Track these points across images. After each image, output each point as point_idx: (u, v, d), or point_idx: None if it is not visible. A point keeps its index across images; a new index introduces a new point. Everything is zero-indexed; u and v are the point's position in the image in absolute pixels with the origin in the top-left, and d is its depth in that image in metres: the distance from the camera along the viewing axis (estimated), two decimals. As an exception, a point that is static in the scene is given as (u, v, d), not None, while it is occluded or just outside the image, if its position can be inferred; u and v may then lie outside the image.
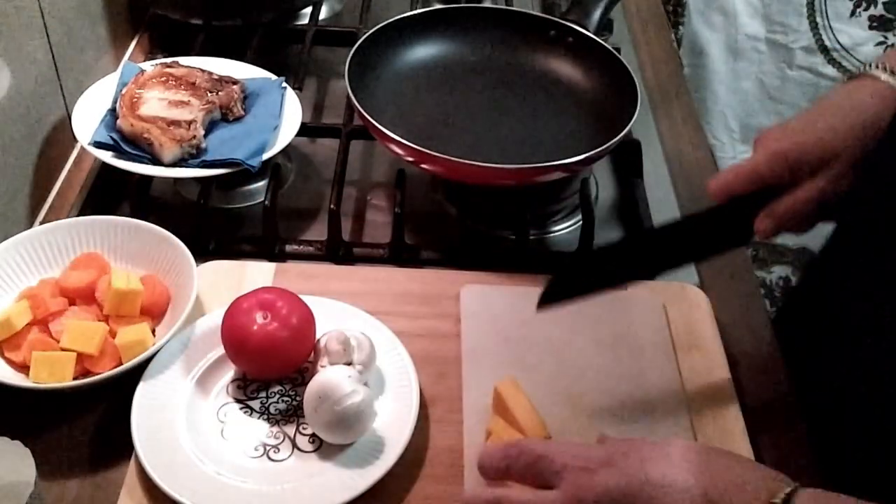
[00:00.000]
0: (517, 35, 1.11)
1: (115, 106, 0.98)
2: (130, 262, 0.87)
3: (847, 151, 0.72)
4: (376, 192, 1.04)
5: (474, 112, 1.05)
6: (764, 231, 0.75)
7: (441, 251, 0.95)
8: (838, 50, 1.54)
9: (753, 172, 0.73)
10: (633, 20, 1.37)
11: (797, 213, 0.73)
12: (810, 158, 0.72)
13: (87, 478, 0.74)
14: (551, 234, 0.99)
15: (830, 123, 0.73)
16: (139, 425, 0.73)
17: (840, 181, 0.72)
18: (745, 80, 1.64)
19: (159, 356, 0.78)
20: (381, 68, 1.06)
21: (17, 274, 0.85)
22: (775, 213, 0.73)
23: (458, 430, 0.76)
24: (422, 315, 0.86)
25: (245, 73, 1.06)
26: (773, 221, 0.74)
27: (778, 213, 0.73)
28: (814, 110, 0.75)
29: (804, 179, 0.72)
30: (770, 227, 0.74)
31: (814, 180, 0.72)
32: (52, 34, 1.01)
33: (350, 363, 0.76)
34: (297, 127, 1.00)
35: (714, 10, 1.61)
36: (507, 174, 0.92)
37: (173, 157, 0.93)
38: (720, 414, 0.78)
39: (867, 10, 1.50)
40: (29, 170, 0.98)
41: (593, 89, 1.07)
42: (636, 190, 1.01)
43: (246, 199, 1.01)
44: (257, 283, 0.85)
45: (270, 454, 0.74)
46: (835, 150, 0.71)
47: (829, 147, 0.72)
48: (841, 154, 0.71)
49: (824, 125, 0.73)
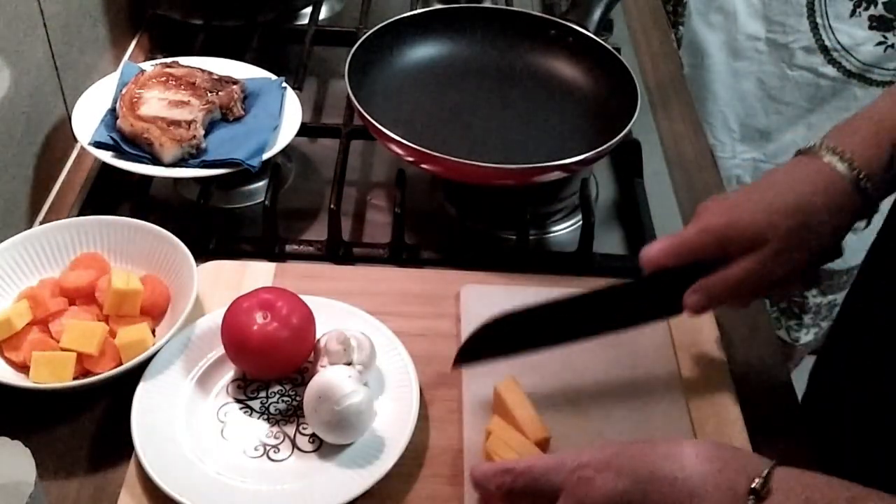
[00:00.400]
0: (517, 35, 1.11)
1: (115, 106, 0.98)
2: (130, 262, 0.87)
3: (780, 234, 0.69)
4: (376, 192, 1.04)
5: (474, 112, 1.05)
6: (692, 306, 0.73)
7: (441, 251, 0.95)
8: (838, 50, 1.54)
9: (683, 246, 0.72)
10: (633, 20, 1.37)
11: (727, 290, 0.72)
12: (739, 236, 0.70)
13: (87, 478, 0.74)
14: (551, 234, 0.99)
15: (765, 202, 0.70)
16: (139, 425, 0.73)
17: (774, 263, 0.70)
18: (745, 80, 1.64)
19: (159, 356, 0.78)
20: (381, 68, 1.06)
21: (17, 274, 0.85)
22: (705, 288, 0.72)
23: (458, 430, 0.76)
24: (422, 315, 0.86)
25: (245, 73, 1.06)
26: (702, 297, 0.72)
27: (707, 288, 0.72)
28: (756, 186, 0.73)
29: (736, 257, 0.70)
30: (699, 302, 0.73)
31: (745, 260, 0.70)
32: (52, 34, 1.01)
33: (350, 363, 0.76)
34: (297, 127, 1.00)
35: (714, 10, 1.60)
36: (507, 174, 0.92)
37: (173, 157, 0.93)
38: (720, 413, 0.78)
39: (867, 10, 1.50)
40: (29, 170, 0.98)
41: (593, 89, 1.07)
42: (636, 190, 1.01)
43: (246, 199, 1.01)
44: (257, 283, 0.85)
45: (270, 454, 0.74)
46: (765, 230, 0.69)
47: (759, 226, 0.69)
48: (774, 236, 0.69)
49: (758, 203, 0.70)
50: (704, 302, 0.73)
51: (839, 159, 0.70)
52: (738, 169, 1.73)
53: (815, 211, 0.70)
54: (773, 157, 1.70)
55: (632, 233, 0.99)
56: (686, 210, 1.02)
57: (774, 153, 1.70)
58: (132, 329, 0.79)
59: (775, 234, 0.69)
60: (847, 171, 0.70)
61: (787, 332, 1.75)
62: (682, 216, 1.01)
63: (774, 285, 0.73)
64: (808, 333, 1.76)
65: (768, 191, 0.71)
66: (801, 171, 0.72)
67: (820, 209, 0.70)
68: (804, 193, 0.70)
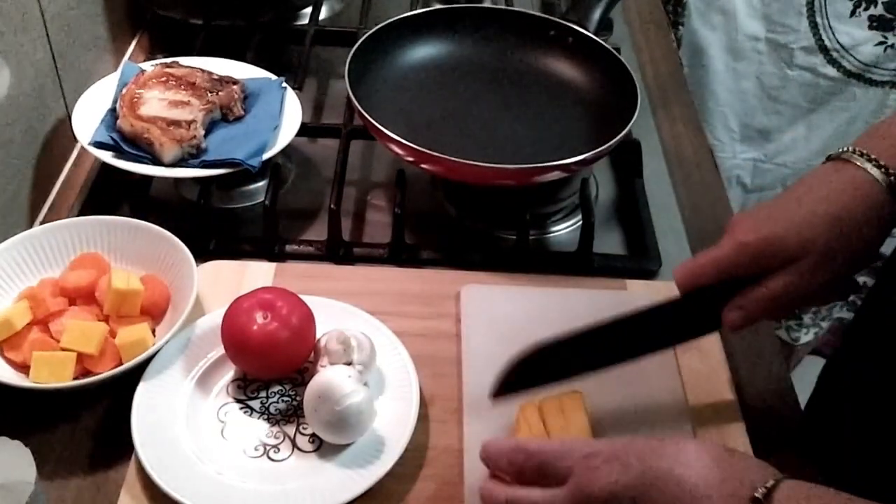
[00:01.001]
0: (517, 35, 1.11)
1: (115, 106, 0.98)
2: (130, 262, 0.87)
3: (819, 246, 0.67)
4: (376, 192, 1.04)
5: (474, 112, 1.05)
6: (732, 323, 0.72)
7: (441, 251, 0.95)
8: (838, 50, 1.54)
9: (719, 264, 0.70)
10: (633, 20, 1.38)
11: (766, 306, 0.70)
12: (778, 252, 0.68)
13: (87, 478, 0.74)
14: (551, 234, 0.99)
15: (800, 215, 0.68)
16: (139, 425, 0.73)
17: (813, 276, 0.68)
18: (745, 80, 1.64)
19: (159, 356, 0.78)
20: (381, 68, 1.06)
21: (17, 274, 0.85)
22: (743, 305, 0.71)
23: (458, 430, 0.76)
24: (422, 315, 0.86)
25: (245, 73, 1.06)
26: (741, 314, 0.71)
27: (746, 305, 0.70)
28: (789, 196, 0.71)
29: (773, 272, 0.69)
30: (738, 319, 0.71)
31: (783, 274, 0.68)
32: (52, 34, 1.01)
33: (350, 363, 0.76)
34: (297, 127, 1.00)
35: (714, 10, 1.60)
36: (507, 174, 0.92)
37: (173, 157, 0.93)
38: (720, 412, 0.78)
39: (867, 10, 1.50)
40: (29, 170, 0.98)
41: (593, 89, 1.07)
42: (636, 190, 1.01)
43: (246, 199, 1.01)
44: (257, 283, 0.85)
45: (270, 454, 0.74)
46: (803, 244, 0.68)
47: (799, 241, 0.68)
48: (812, 249, 0.68)
49: (794, 217, 0.68)
50: (744, 319, 0.71)
51: (873, 164, 0.68)
52: (738, 169, 1.73)
53: (853, 220, 0.68)
54: (772, 157, 1.70)
55: (632, 233, 0.99)
56: (686, 210, 1.02)
57: (774, 153, 1.70)
58: (132, 329, 0.79)
59: (813, 248, 0.68)
60: (882, 177, 0.68)
61: (787, 332, 1.75)
62: (682, 216, 1.01)
63: (812, 297, 0.71)
64: (808, 333, 1.76)
65: (803, 202, 0.69)
66: (834, 179, 0.69)
67: (857, 218, 0.68)
68: (840, 203, 0.68)
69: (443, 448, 0.75)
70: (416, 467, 0.74)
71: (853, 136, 1.81)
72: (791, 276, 0.68)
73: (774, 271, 0.69)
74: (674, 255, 0.95)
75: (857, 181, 0.68)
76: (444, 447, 0.75)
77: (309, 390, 0.73)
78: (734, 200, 1.74)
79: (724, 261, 0.70)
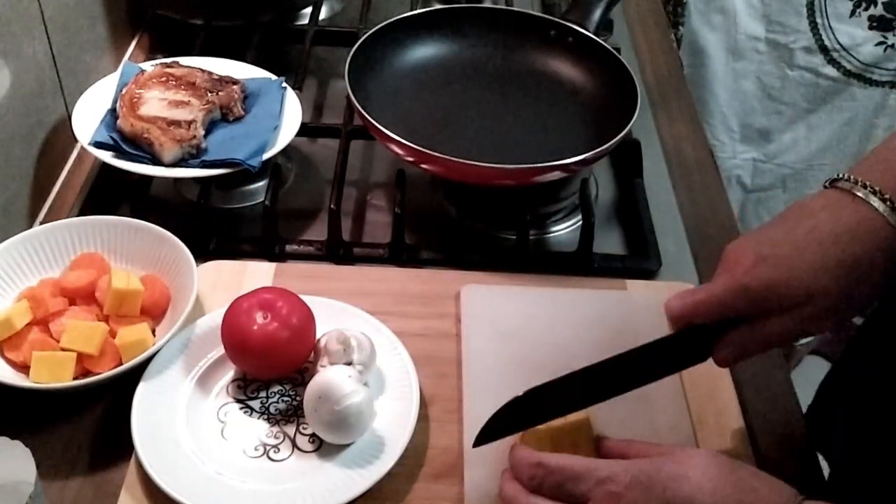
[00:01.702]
0: (517, 35, 1.11)
1: (115, 106, 0.98)
2: (130, 262, 0.87)
3: (826, 296, 0.64)
4: (376, 192, 1.04)
5: (474, 112, 1.05)
6: (722, 361, 0.69)
7: (441, 251, 0.95)
8: (838, 50, 1.54)
9: (715, 305, 0.67)
10: (633, 20, 1.37)
11: (762, 346, 0.67)
12: (783, 299, 0.64)
13: (87, 478, 0.74)
14: (551, 234, 0.99)
15: (811, 261, 0.64)
16: (139, 425, 0.73)
17: (815, 322, 0.65)
18: (745, 80, 1.64)
19: (159, 356, 0.78)
20: (381, 68, 1.06)
21: (17, 274, 0.85)
22: (737, 344, 0.67)
23: (458, 430, 0.76)
24: (422, 315, 0.86)
25: (245, 73, 1.06)
26: (734, 353, 0.68)
27: (740, 345, 0.67)
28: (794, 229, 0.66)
29: (773, 315, 0.65)
30: (731, 357, 0.69)
31: (783, 318, 0.65)
32: (52, 34, 1.01)
33: (350, 363, 0.76)
34: (297, 127, 1.00)
35: (714, 10, 1.61)
36: (507, 174, 0.92)
37: (173, 157, 0.93)
38: (720, 412, 0.78)
39: (867, 10, 1.50)
40: (29, 170, 0.98)
41: (593, 89, 1.07)
42: (636, 190, 1.01)
43: (246, 199, 1.01)
44: (257, 283, 0.85)
45: (270, 454, 0.74)
46: (812, 293, 0.64)
47: (806, 289, 0.64)
48: (818, 298, 0.64)
49: (804, 262, 0.64)
50: (735, 357, 0.69)
51: (879, 198, 0.65)
52: (738, 169, 1.73)
53: (864, 267, 0.64)
54: (772, 157, 1.71)
55: (632, 233, 0.99)
56: (686, 210, 1.02)
57: (774, 153, 1.70)
58: (132, 329, 0.79)
59: (820, 298, 0.64)
60: (892, 215, 0.64)
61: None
62: (682, 216, 1.01)
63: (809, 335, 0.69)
64: (808, 333, 1.75)
65: (811, 242, 0.65)
66: (844, 216, 0.65)
67: (868, 264, 0.64)
68: (851, 249, 0.64)
69: (443, 448, 0.75)
70: (416, 467, 0.74)
71: (853, 136, 1.81)
72: (792, 322, 0.65)
73: (774, 314, 0.65)
74: (674, 255, 0.95)
75: (867, 221, 0.65)
76: (444, 447, 0.75)
77: (309, 390, 0.73)
78: (734, 200, 1.75)
79: (722, 302, 0.66)
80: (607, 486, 0.61)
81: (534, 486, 0.65)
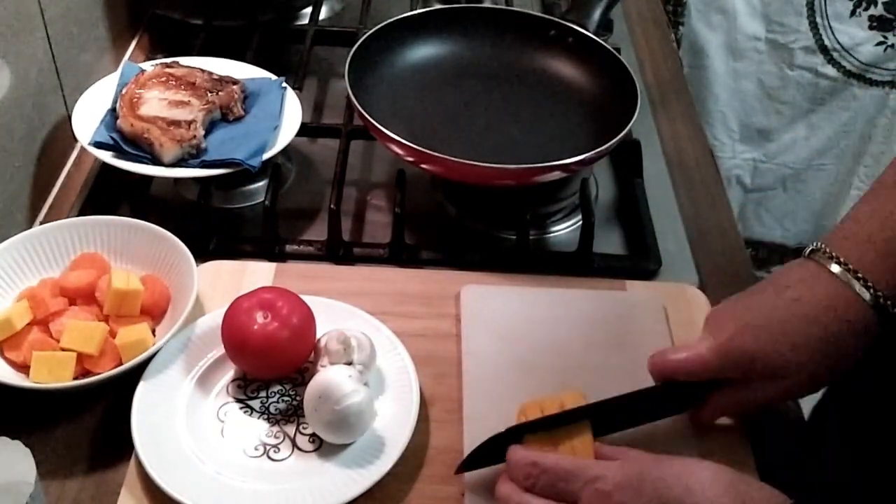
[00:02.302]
0: (517, 35, 1.11)
1: (115, 106, 0.98)
2: (130, 262, 0.87)
3: (806, 371, 0.68)
4: (376, 192, 1.04)
5: (474, 112, 1.05)
6: (700, 421, 0.73)
7: (441, 251, 0.95)
8: (838, 50, 1.54)
9: (699, 366, 0.70)
10: (633, 20, 1.37)
11: (741, 410, 0.72)
12: (763, 369, 0.68)
13: (87, 478, 0.74)
14: (551, 234, 0.99)
15: (793, 337, 0.67)
16: (139, 425, 0.73)
17: (793, 391, 0.70)
18: (745, 80, 1.64)
19: (159, 356, 0.78)
20: (381, 68, 1.06)
21: (17, 274, 0.85)
22: (718, 407, 0.72)
23: (458, 430, 0.76)
24: (422, 315, 0.86)
25: (245, 73, 1.06)
26: (713, 414, 0.72)
27: (721, 408, 0.72)
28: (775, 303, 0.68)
29: (755, 382, 0.69)
30: (711, 419, 0.73)
31: (763, 386, 0.69)
32: (52, 34, 1.01)
33: (350, 363, 0.76)
34: (297, 127, 1.00)
35: (714, 10, 1.61)
36: (507, 174, 0.92)
37: (173, 157, 0.93)
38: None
39: (867, 10, 1.50)
40: (29, 170, 0.98)
41: (593, 89, 1.07)
42: (636, 190, 1.01)
43: (246, 199, 1.01)
44: (257, 283, 0.85)
45: (270, 454, 0.74)
46: (792, 367, 0.67)
47: (786, 364, 0.67)
48: (798, 373, 0.68)
49: (787, 337, 0.67)
50: (715, 417, 0.73)
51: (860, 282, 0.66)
52: (738, 169, 1.73)
53: (842, 341, 0.67)
54: (772, 157, 1.71)
55: (632, 233, 0.99)
56: (686, 210, 1.02)
57: (774, 153, 1.70)
58: (132, 329, 0.79)
59: (800, 372, 0.68)
60: (870, 297, 0.66)
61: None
62: (682, 216, 1.01)
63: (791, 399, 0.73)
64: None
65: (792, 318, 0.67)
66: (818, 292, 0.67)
67: (848, 344, 0.67)
68: (831, 324, 0.67)
69: (443, 448, 0.75)
70: (416, 467, 0.74)
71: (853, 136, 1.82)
72: (772, 391, 0.69)
73: (755, 382, 0.69)
74: (674, 255, 0.95)
75: (844, 299, 0.67)
76: (444, 447, 0.75)
77: (309, 390, 0.73)
78: (734, 200, 1.75)
79: (705, 364, 0.69)
80: (597, 485, 0.62)
81: (528, 485, 0.65)
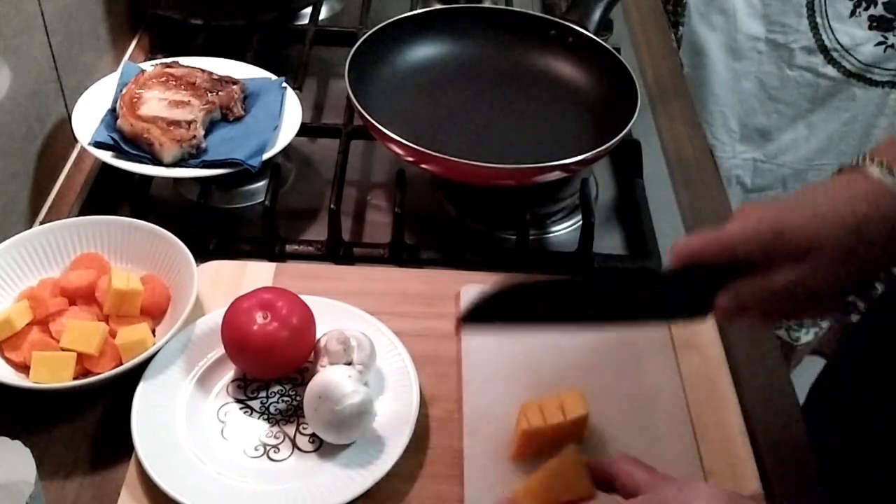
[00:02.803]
0: (517, 35, 1.11)
1: (115, 106, 0.98)
2: (130, 262, 0.87)
3: (833, 245, 0.64)
4: (376, 192, 1.04)
5: (474, 112, 1.05)
6: (724, 309, 0.67)
7: (441, 251, 0.95)
8: (838, 50, 1.54)
9: (724, 241, 0.66)
10: (633, 20, 1.38)
11: (763, 298, 0.66)
12: (790, 242, 0.64)
13: (87, 478, 0.74)
14: (551, 234, 0.99)
15: (817, 211, 0.65)
16: (139, 425, 0.73)
17: (818, 277, 0.65)
18: (745, 80, 1.64)
19: (159, 356, 0.78)
20: (381, 68, 1.06)
21: (17, 274, 0.85)
22: (740, 292, 0.66)
23: (458, 430, 0.76)
24: (422, 315, 0.86)
25: (245, 73, 1.06)
26: (735, 301, 0.66)
27: (742, 293, 0.66)
28: (801, 196, 0.67)
29: (778, 265, 0.65)
30: (732, 306, 0.66)
31: (788, 269, 0.65)
32: (52, 34, 1.01)
33: (350, 363, 0.76)
34: (297, 127, 1.00)
35: (714, 10, 1.61)
36: (507, 174, 0.92)
37: (173, 157, 0.93)
38: (720, 413, 0.78)
39: (867, 10, 1.50)
40: (29, 170, 0.98)
41: (593, 89, 1.07)
42: (636, 190, 1.01)
43: (246, 199, 1.01)
44: (257, 283, 0.85)
45: (270, 454, 0.74)
46: (821, 240, 0.64)
47: (815, 235, 0.64)
48: (826, 247, 0.64)
49: (810, 211, 0.65)
50: (737, 307, 0.67)
51: (889, 173, 0.65)
52: (738, 169, 1.73)
53: (869, 224, 0.64)
54: (772, 157, 1.71)
55: (632, 233, 0.99)
56: (686, 210, 1.02)
57: (774, 153, 1.70)
58: (132, 329, 0.79)
59: (826, 245, 0.64)
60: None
61: (787, 332, 1.75)
62: (682, 216, 1.01)
63: (811, 303, 0.68)
64: (808, 333, 1.76)
65: (819, 201, 0.66)
66: (850, 187, 0.66)
67: (873, 223, 0.64)
68: (857, 206, 0.65)
69: (443, 448, 0.75)
70: (416, 467, 0.74)
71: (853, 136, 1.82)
72: (796, 273, 0.65)
73: (779, 264, 0.65)
74: (674, 255, 0.95)
75: (873, 189, 0.65)
76: (444, 447, 0.75)
77: (309, 390, 0.73)
78: (734, 200, 1.74)
79: (731, 239, 0.65)
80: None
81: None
